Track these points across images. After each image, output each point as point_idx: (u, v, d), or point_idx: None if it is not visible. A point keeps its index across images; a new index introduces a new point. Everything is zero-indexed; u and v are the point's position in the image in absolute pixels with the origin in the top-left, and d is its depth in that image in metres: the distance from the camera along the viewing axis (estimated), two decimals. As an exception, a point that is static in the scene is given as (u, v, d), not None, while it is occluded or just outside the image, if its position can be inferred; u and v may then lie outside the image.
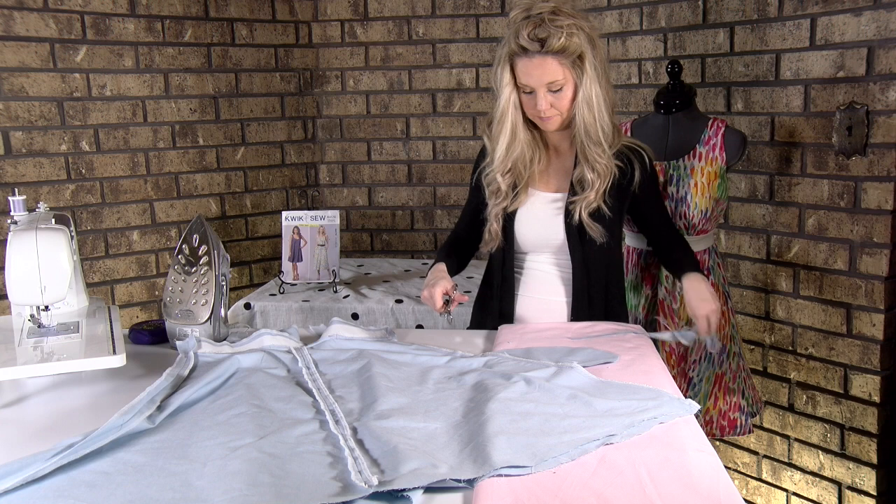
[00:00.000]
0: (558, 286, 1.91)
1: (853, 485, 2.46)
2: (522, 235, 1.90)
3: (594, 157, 1.81)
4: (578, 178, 1.85)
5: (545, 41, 1.70)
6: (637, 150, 1.88)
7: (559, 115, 1.80)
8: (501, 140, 1.83)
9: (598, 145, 1.80)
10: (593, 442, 1.16)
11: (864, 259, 2.35)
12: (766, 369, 2.68)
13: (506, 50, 1.77)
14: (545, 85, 1.74)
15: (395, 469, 1.08)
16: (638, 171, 1.86)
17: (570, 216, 1.84)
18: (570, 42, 1.70)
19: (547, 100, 1.76)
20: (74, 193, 2.91)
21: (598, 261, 1.88)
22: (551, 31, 1.69)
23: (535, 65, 1.73)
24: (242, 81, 3.29)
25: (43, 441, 1.21)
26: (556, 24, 1.69)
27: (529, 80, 1.75)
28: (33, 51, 2.77)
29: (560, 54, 1.71)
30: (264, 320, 2.73)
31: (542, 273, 1.93)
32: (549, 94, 1.76)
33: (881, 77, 2.25)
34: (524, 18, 1.72)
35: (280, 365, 1.55)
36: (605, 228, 1.84)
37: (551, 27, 1.69)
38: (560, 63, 1.73)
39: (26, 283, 1.48)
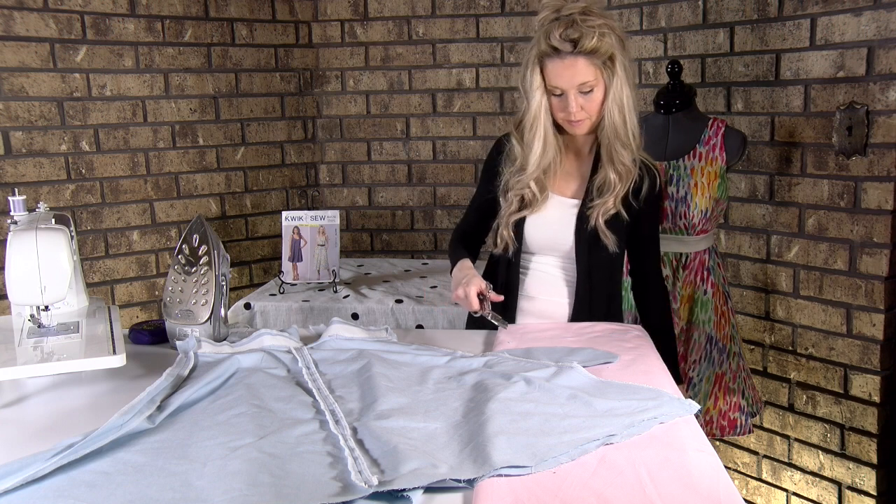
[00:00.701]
0: (561, 289, 1.90)
1: (853, 485, 2.46)
2: (532, 237, 1.88)
3: (619, 160, 1.78)
4: (599, 182, 1.81)
5: (577, 41, 1.68)
6: (650, 168, 1.86)
7: (589, 119, 1.76)
8: (536, 146, 1.79)
9: (626, 147, 1.77)
10: (593, 442, 1.16)
11: (864, 259, 2.35)
12: (766, 369, 2.68)
13: (535, 51, 1.74)
14: (576, 87, 1.72)
15: (395, 469, 1.08)
16: (646, 187, 1.83)
17: (582, 222, 1.82)
18: (602, 42, 1.68)
19: (577, 102, 1.73)
20: (74, 193, 2.91)
21: (603, 268, 1.86)
22: (584, 32, 1.67)
23: (566, 66, 1.70)
24: (242, 81, 3.29)
25: (43, 441, 1.21)
26: (588, 24, 1.67)
27: (560, 81, 1.72)
28: (33, 51, 2.77)
29: (592, 55, 1.69)
30: (264, 320, 2.73)
31: (546, 275, 1.91)
32: (579, 97, 1.73)
33: (881, 77, 2.25)
34: (554, 19, 1.71)
35: (280, 365, 1.55)
36: (619, 237, 1.82)
37: (584, 27, 1.67)
38: (591, 64, 1.70)
39: (26, 283, 1.48)
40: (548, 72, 1.74)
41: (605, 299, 1.89)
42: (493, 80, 3.36)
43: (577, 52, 1.69)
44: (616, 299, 1.94)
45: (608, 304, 1.91)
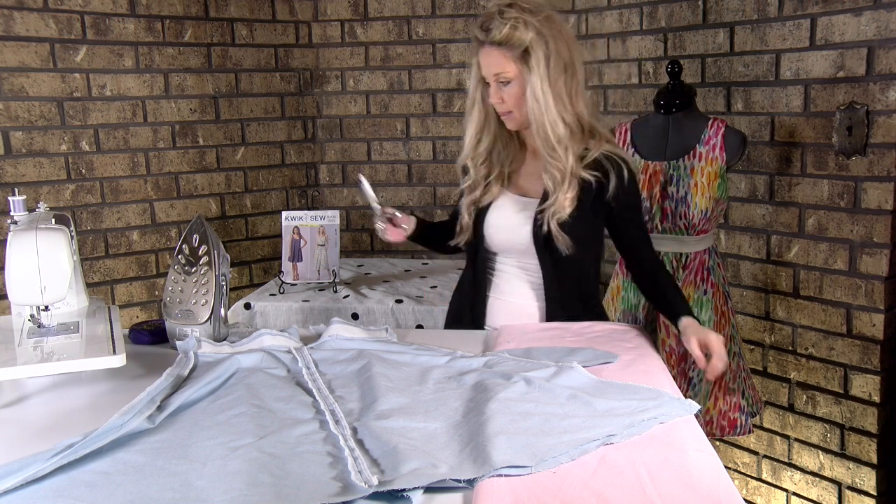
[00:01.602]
0: (528, 290, 1.89)
1: (853, 485, 2.46)
2: (490, 236, 1.89)
3: (549, 160, 1.77)
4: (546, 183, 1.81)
5: (490, 31, 1.73)
6: (616, 161, 1.80)
7: (513, 112, 1.79)
8: (469, 127, 1.87)
9: (551, 147, 1.76)
10: (593, 442, 1.16)
11: (864, 259, 2.35)
12: (766, 369, 2.68)
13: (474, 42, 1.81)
14: (493, 76, 1.76)
15: (395, 469, 1.08)
16: (613, 182, 1.78)
17: (538, 223, 1.81)
18: (513, 35, 1.71)
19: (497, 93, 1.77)
20: (74, 193, 2.91)
21: (569, 270, 1.84)
22: (496, 23, 1.72)
23: (484, 55, 1.76)
24: (242, 81, 3.29)
25: (43, 441, 1.21)
26: (504, 16, 1.71)
27: (483, 70, 1.78)
28: (33, 51, 2.77)
29: (503, 46, 1.73)
30: (264, 320, 2.73)
31: (511, 276, 1.90)
32: (499, 88, 1.77)
33: (881, 77, 2.25)
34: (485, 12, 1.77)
35: (280, 365, 1.55)
36: (575, 240, 1.78)
37: (498, 19, 1.72)
38: (505, 56, 1.73)
39: (26, 283, 1.48)
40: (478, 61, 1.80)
41: (576, 299, 1.87)
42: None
43: (489, 41, 1.74)
44: (592, 299, 1.92)
45: (583, 304, 1.88)
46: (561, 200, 1.76)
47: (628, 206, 1.84)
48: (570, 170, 1.76)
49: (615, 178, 1.78)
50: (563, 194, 1.76)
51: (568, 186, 1.76)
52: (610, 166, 1.79)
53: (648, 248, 1.88)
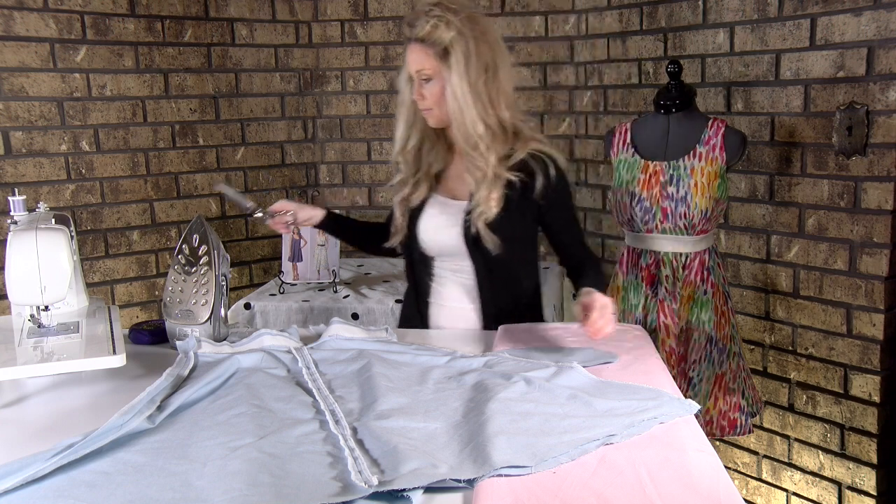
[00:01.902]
0: (464, 293, 1.89)
1: (853, 485, 2.46)
2: (424, 241, 1.90)
3: (470, 160, 1.78)
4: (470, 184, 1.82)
5: (414, 28, 1.75)
6: (542, 160, 1.80)
7: (433, 110, 1.80)
8: (399, 124, 1.88)
9: (471, 146, 1.77)
10: (593, 442, 1.16)
11: (864, 259, 2.35)
12: (766, 369, 2.68)
13: None
14: (415, 73, 1.78)
15: (395, 469, 1.08)
16: (539, 181, 1.78)
17: (467, 224, 1.81)
18: (434, 33, 1.72)
19: (418, 89, 1.78)
20: (74, 193, 2.91)
21: (501, 271, 1.84)
22: (419, 20, 1.74)
23: (408, 51, 1.78)
24: (242, 81, 3.29)
25: (43, 441, 1.21)
26: (428, 13, 1.73)
27: (407, 66, 1.80)
28: (33, 51, 2.77)
29: (423, 43, 1.74)
30: (264, 320, 2.73)
31: (447, 280, 1.91)
32: (421, 84, 1.78)
33: (881, 77, 2.25)
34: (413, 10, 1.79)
35: (280, 365, 1.55)
36: (503, 240, 1.78)
37: (423, 17, 1.74)
38: (426, 53, 1.75)
39: (26, 283, 1.48)
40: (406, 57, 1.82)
41: (510, 299, 1.87)
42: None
43: (412, 38, 1.76)
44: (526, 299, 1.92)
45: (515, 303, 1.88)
46: (486, 201, 1.77)
47: (557, 204, 1.84)
48: (493, 170, 1.77)
49: (541, 177, 1.79)
50: (487, 194, 1.77)
51: (491, 187, 1.77)
52: (536, 166, 1.79)
53: (580, 244, 1.91)
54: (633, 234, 2.38)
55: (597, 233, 3.32)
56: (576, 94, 3.32)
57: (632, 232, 2.38)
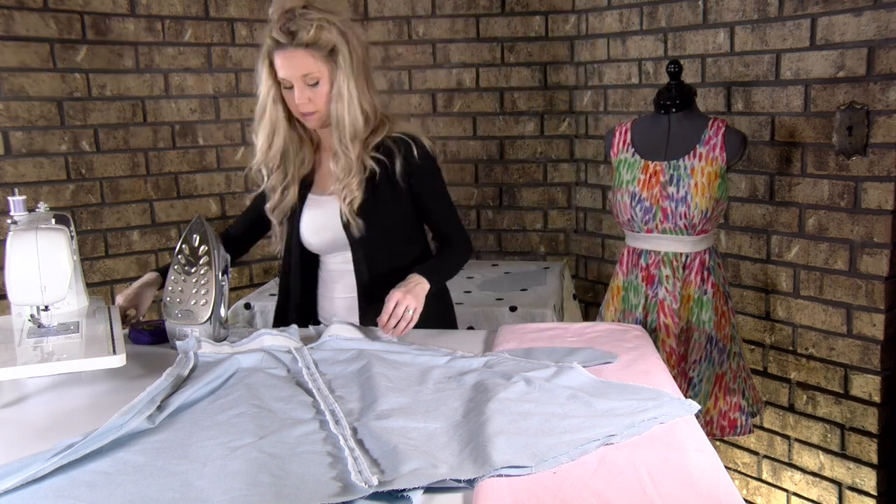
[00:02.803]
0: (349, 284, 1.93)
1: (853, 485, 2.46)
2: (308, 241, 1.93)
3: (341, 151, 1.82)
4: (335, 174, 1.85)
5: (296, 34, 1.73)
6: (404, 141, 1.86)
7: (318, 112, 1.81)
8: (261, 133, 1.87)
9: (351, 139, 1.81)
10: (593, 442, 1.16)
11: (864, 259, 2.35)
12: (766, 369, 2.68)
13: (264, 46, 1.80)
14: (300, 78, 1.76)
15: (395, 469, 1.08)
16: (399, 162, 1.84)
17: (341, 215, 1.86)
18: (321, 35, 1.73)
19: (305, 94, 1.77)
20: (74, 193, 2.91)
21: (380, 256, 1.88)
22: (301, 25, 1.73)
23: (288, 57, 1.75)
24: (242, 81, 3.29)
25: (43, 441, 1.21)
26: (306, 17, 1.73)
27: (285, 73, 1.77)
28: (33, 51, 2.77)
29: (311, 47, 1.74)
30: (264, 320, 2.73)
31: (335, 273, 1.95)
32: (306, 89, 1.78)
33: (881, 77, 2.25)
34: (279, 15, 1.75)
35: (280, 365, 1.55)
36: (375, 223, 1.84)
37: (302, 21, 1.73)
38: (313, 56, 1.75)
39: (26, 283, 1.48)
40: (276, 65, 1.78)
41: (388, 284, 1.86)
42: (493, 80, 3.36)
43: (296, 44, 1.74)
44: None
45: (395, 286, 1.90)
46: (350, 186, 1.81)
47: (421, 182, 1.89)
48: (357, 156, 1.82)
49: (400, 158, 1.84)
50: (349, 180, 1.81)
51: (354, 172, 1.82)
52: (395, 147, 1.85)
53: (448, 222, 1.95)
54: (633, 234, 2.38)
55: (597, 233, 3.32)
56: (576, 94, 3.32)
57: (632, 232, 2.38)
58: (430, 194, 1.93)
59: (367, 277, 1.89)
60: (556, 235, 3.44)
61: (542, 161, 3.39)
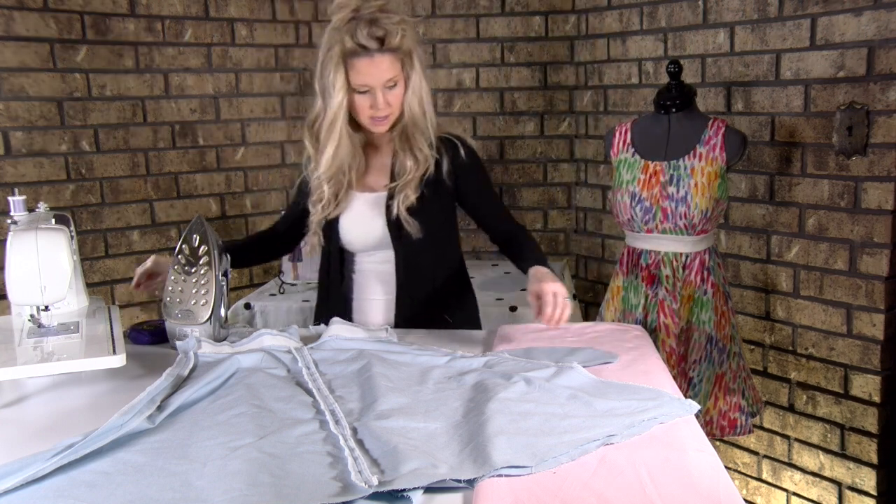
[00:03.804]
0: (384, 285, 1.92)
1: (853, 485, 2.46)
2: (347, 241, 1.91)
3: (418, 146, 1.82)
4: (399, 171, 1.84)
5: (384, 39, 1.71)
6: (448, 140, 1.87)
7: (391, 114, 1.79)
8: (330, 146, 1.80)
9: (423, 135, 1.82)
10: (593, 442, 1.16)
11: (864, 259, 2.35)
12: (766, 369, 2.68)
13: (337, 51, 1.72)
14: (383, 83, 1.74)
15: (395, 469, 1.08)
16: (445, 163, 1.84)
17: (390, 212, 1.84)
18: (405, 39, 1.73)
19: (385, 98, 1.75)
20: (74, 193, 2.91)
21: (422, 257, 1.87)
22: (389, 30, 1.70)
23: (374, 63, 1.72)
24: (242, 81, 3.29)
25: (43, 441, 1.21)
26: (391, 21, 1.71)
27: (369, 79, 1.73)
28: (33, 51, 2.77)
29: (397, 52, 1.73)
30: (264, 320, 2.73)
31: (371, 273, 1.93)
32: (386, 92, 1.76)
33: (881, 77, 2.25)
34: (353, 19, 1.71)
35: (280, 365, 1.55)
36: (424, 224, 1.82)
37: (388, 25, 1.70)
38: (396, 60, 1.74)
39: (26, 283, 1.48)
40: (354, 71, 1.73)
41: (429, 289, 1.88)
42: (493, 80, 3.36)
43: (383, 49, 1.71)
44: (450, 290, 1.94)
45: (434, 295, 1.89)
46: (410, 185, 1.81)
47: (469, 180, 1.89)
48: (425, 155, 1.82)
49: (447, 158, 1.85)
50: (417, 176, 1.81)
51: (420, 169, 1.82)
52: (443, 147, 1.85)
53: (503, 217, 1.94)
54: (633, 234, 2.38)
55: (597, 233, 3.32)
56: (576, 94, 3.32)
57: (632, 232, 2.38)
58: (480, 192, 1.92)
59: (406, 278, 1.88)
60: (556, 235, 3.44)
61: (542, 161, 3.39)
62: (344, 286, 1.95)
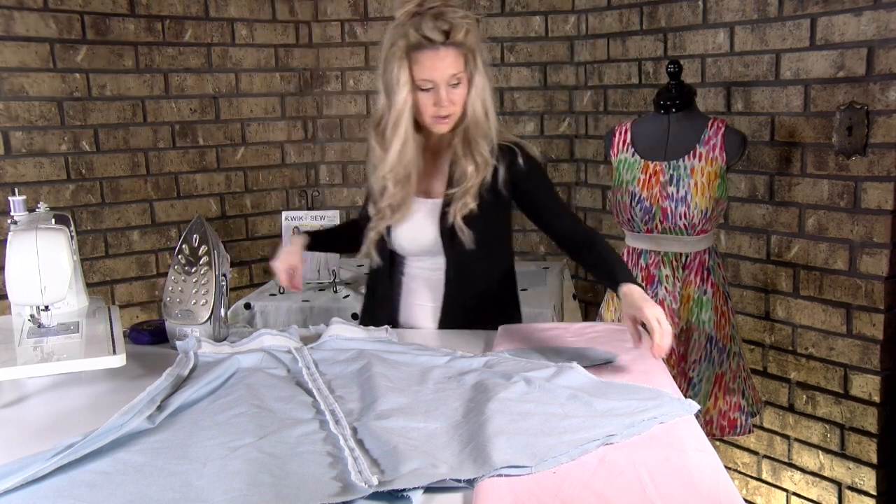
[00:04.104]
0: (432, 291, 1.88)
1: (853, 485, 2.46)
2: (399, 245, 1.87)
3: (479, 151, 1.76)
4: (459, 176, 1.78)
5: (449, 32, 1.67)
6: (509, 148, 1.80)
7: (454, 113, 1.74)
8: (396, 142, 1.75)
9: (485, 139, 1.77)
10: (593, 442, 1.16)
11: (864, 259, 2.35)
12: (766, 369, 2.68)
13: (402, 45, 1.68)
14: (447, 79, 1.70)
15: (395, 469, 1.08)
16: (502, 170, 1.78)
17: (445, 221, 1.79)
18: (469, 35, 1.70)
19: (449, 95, 1.71)
20: (74, 193, 2.91)
21: (474, 266, 1.83)
22: (454, 23, 1.67)
23: (439, 57, 1.68)
24: (242, 81, 3.29)
25: (43, 441, 1.21)
26: (456, 15, 1.68)
27: (433, 73, 1.69)
28: (33, 51, 2.77)
29: (462, 47, 1.70)
30: (264, 320, 2.73)
31: (421, 278, 1.89)
32: (450, 90, 1.71)
33: (881, 77, 2.25)
34: (417, 14, 1.68)
35: (280, 365, 1.55)
36: (477, 233, 1.77)
37: (453, 19, 1.67)
38: (460, 55, 1.71)
39: (26, 283, 1.48)
40: (418, 65, 1.69)
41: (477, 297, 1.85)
42: (493, 80, 3.35)
43: (448, 43, 1.68)
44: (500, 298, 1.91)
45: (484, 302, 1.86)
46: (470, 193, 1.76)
47: (529, 185, 1.82)
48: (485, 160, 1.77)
49: (504, 166, 1.79)
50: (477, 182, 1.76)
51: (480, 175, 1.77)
52: (500, 155, 1.79)
53: (571, 222, 1.83)
54: (633, 234, 2.38)
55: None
56: (576, 94, 3.32)
57: (632, 232, 2.38)
58: (540, 199, 1.83)
59: (456, 287, 1.84)
60: (556, 235, 3.44)
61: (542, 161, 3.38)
62: (392, 289, 1.91)
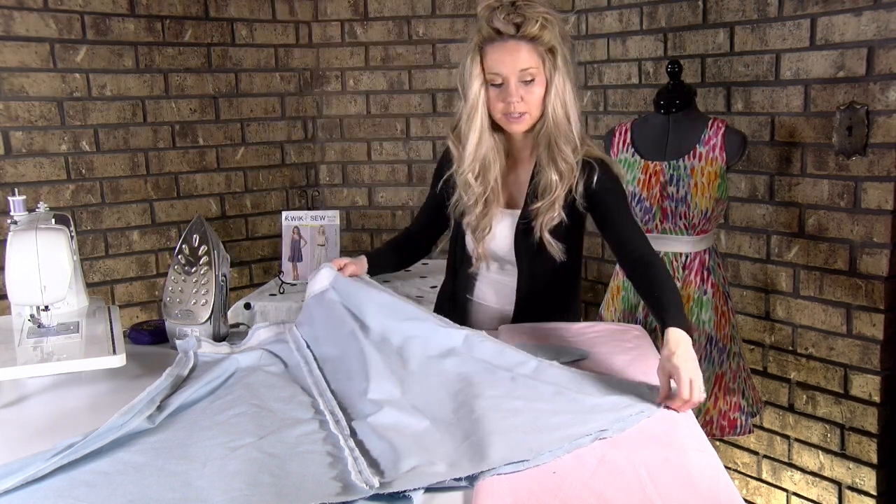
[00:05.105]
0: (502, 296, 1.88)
1: (853, 485, 2.46)
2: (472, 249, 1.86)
3: (563, 158, 1.70)
4: (542, 186, 1.74)
5: (521, 25, 1.64)
6: (589, 164, 1.74)
7: (528, 114, 1.70)
8: (472, 136, 1.72)
9: (569, 144, 1.70)
10: (586, 437, 1.17)
11: (864, 259, 2.35)
12: (766, 369, 2.68)
13: (475, 40, 1.68)
14: (518, 73, 1.66)
15: (394, 468, 1.09)
16: (581, 186, 1.73)
17: (525, 234, 1.77)
18: (545, 31, 1.65)
19: (519, 91, 1.67)
20: (74, 193, 2.91)
21: (546, 277, 1.82)
22: (527, 16, 1.63)
23: (508, 50, 1.65)
24: (242, 81, 3.29)
25: (43, 441, 1.21)
26: (532, 9, 1.65)
27: (502, 66, 1.66)
28: (33, 51, 2.77)
29: (534, 41, 1.65)
30: (264, 320, 2.73)
31: (493, 281, 1.89)
32: (521, 86, 1.67)
33: (881, 77, 2.25)
34: (496, 8, 1.66)
35: (277, 360, 1.57)
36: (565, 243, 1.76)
37: (527, 12, 1.64)
38: (534, 51, 1.66)
39: (26, 283, 1.48)
40: (489, 58, 1.67)
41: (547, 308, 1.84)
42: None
43: (519, 36, 1.64)
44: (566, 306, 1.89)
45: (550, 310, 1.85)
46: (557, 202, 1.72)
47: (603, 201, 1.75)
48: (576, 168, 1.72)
49: (583, 181, 1.73)
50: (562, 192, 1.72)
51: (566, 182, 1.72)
52: (581, 170, 1.74)
53: (639, 242, 1.73)
54: (633, 234, 2.38)
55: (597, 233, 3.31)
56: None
57: (632, 232, 2.37)
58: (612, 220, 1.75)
59: (526, 295, 1.83)
60: (556, 235, 3.44)
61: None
62: (466, 287, 1.92)
